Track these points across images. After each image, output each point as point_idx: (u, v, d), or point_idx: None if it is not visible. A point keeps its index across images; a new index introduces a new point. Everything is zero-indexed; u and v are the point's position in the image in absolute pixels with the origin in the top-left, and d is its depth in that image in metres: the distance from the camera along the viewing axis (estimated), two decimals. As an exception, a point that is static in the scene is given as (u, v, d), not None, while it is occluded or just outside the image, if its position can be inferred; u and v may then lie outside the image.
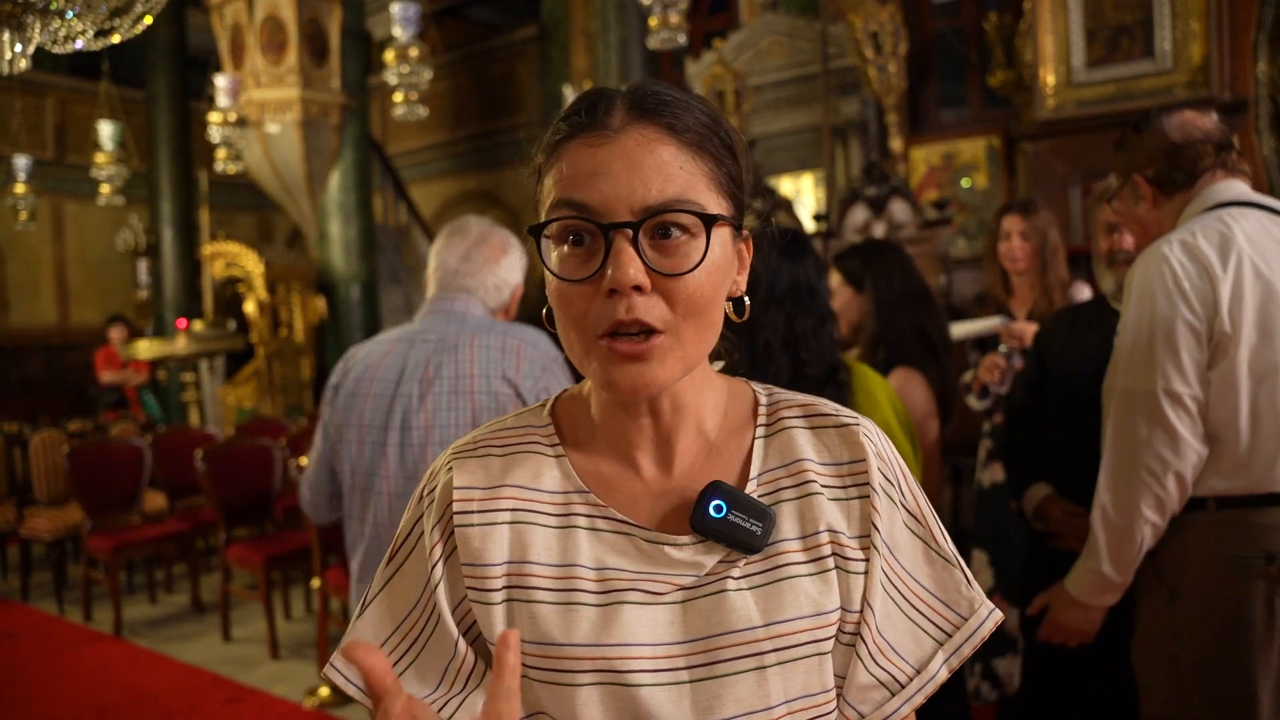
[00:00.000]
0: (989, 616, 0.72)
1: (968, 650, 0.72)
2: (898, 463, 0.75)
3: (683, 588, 0.69)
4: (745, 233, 0.73)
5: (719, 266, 0.67)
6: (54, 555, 4.92)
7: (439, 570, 0.72)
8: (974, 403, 2.74)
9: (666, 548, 0.70)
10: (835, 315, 1.70)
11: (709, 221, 0.65)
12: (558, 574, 0.69)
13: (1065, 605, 1.67)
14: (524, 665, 0.68)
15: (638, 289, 0.63)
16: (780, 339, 1.56)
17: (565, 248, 0.66)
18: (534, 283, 1.43)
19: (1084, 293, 2.70)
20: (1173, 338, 1.49)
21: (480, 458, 0.74)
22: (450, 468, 0.74)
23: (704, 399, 0.74)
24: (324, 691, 3.51)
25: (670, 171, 0.65)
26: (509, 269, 1.88)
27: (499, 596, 0.70)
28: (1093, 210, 2.20)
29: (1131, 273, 1.59)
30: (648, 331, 0.64)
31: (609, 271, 0.63)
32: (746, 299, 0.73)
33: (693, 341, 0.67)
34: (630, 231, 0.64)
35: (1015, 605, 2.30)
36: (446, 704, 0.72)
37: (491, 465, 0.73)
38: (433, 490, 0.75)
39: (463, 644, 0.71)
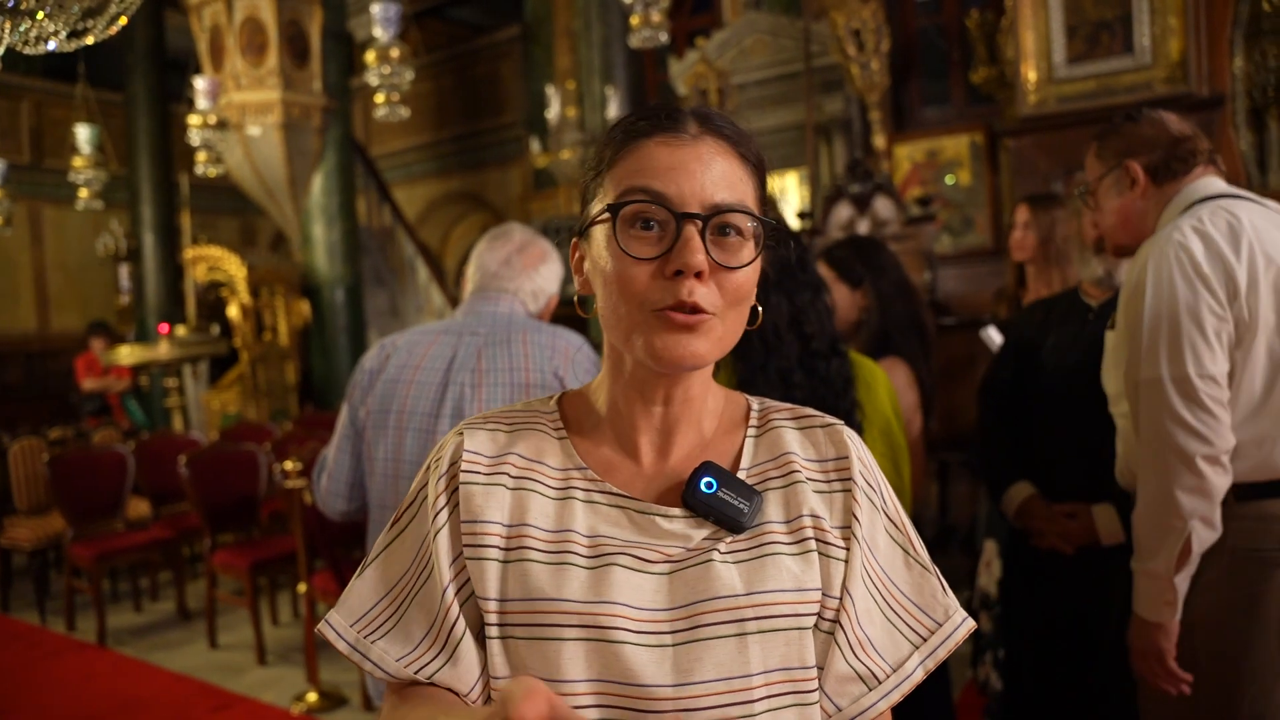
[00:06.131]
0: (963, 624, 0.78)
1: (942, 654, 0.76)
2: (878, 470, 0.81)
3: (671, 559, 0.73)
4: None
5: (757, 269, 0.75)
6: (35, 565, 4.84)
7: (440, 520, 0.75)
8: None
9: (658, 518, 0.74)
10: (827, 285, 1.75)
11: (762, 227, 0.74)
12: (552, 538, 0.74)
13: (1138, 631, 1.55)
14: (512, 625, 0.71)
15: (698, 275, 0.70)
16: (786, 319, 1.62)
17: (634, 229, 0.72)
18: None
19: None
20: (1199, 319, 1.46)
21: (489, 431, 0.79)
22: (461, 433, 0.79)
23: (707, 400, 0.80)
24: (312, 697, 3.49)
25: (734, 181, 0.74)
26: (547, 278, 1.92)
27: (494, 554, 0.73)
28: (1075, 200, 2.19)
29: (1136, 262, 1.56)
30: (700, 313, 0.71)
31: (679, 255, 0.70)
32: (759, 308, 0.80)
33: (730, 329, 0.74)
34: (700, 223, 0.71)
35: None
36: (428, 664, 0.73)
37: (499, 437, 0.79)
38: (440, 457, 0.79)
39: (451, 594, 0.73)
